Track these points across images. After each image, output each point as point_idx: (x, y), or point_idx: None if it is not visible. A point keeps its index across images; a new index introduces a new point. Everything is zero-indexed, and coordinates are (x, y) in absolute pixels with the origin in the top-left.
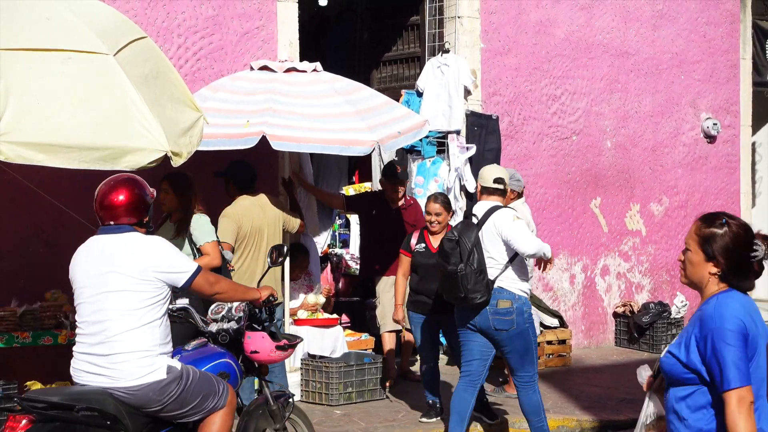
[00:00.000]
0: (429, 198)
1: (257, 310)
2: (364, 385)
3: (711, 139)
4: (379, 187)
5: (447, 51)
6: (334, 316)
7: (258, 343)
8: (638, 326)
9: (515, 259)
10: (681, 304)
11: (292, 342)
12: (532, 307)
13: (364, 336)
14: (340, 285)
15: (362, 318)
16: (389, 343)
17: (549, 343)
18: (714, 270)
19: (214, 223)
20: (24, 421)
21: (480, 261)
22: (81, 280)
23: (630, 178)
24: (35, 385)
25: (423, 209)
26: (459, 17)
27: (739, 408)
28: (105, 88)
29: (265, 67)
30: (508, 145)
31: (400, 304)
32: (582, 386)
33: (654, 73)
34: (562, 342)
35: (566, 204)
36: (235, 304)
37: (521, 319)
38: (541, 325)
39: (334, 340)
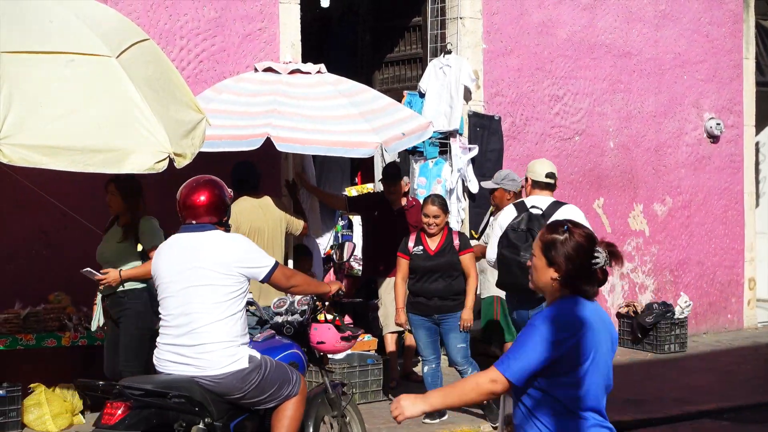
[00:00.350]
0: (426, 200)
1: (325, 304)
2: (367, 386)
3: (714, 139)
4: (381, 188)
5: (449, 52)
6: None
7: (324, 334)
8: (642, 327)
9: None
10: (685, 305)
11: (355, 333)
12: None
13: (367, 337)
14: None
15: (365, 319)
16: (391, 344)
17: None
18: (555, 275)
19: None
20: (121, 408)
21: None
22: (166, 275)
23: (633, 178)
24: (39, 387)
25: None
26: (461, 18)
27: (484, 381)
28: (108, 90)
29: (269, 69)
30: (510, 146)
31: (401, 307)
32: None
33: (657, 74)
34: None
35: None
36: (297, 297)
37: None
38: None
39: None
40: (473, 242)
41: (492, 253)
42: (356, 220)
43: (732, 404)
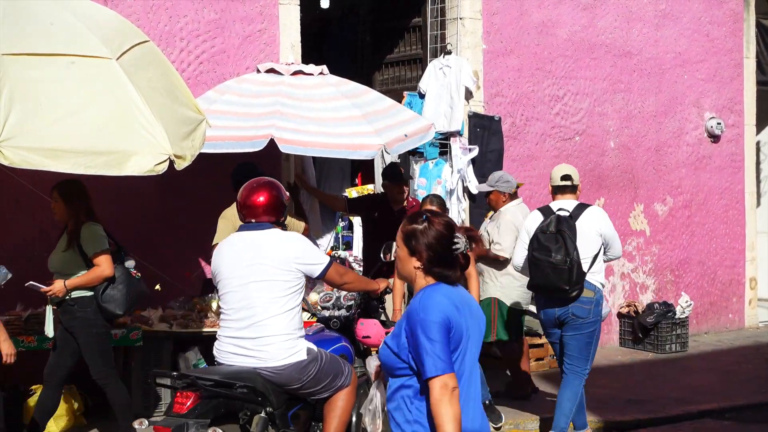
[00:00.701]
0: (424, 201)
1: (374, 301)
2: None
3: (715, 138)
4: (382, 189)
5: (449, 52)
6: None
7: (370, 329)
8: (643, 326)
9: (599, 253)
10: (686, 304)
11: None
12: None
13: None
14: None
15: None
16: None
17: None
18: (417, 264)
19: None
20: (191, 398)
21: (578, 255)
22: (227, 272)
23: (633, 178)
24: (40, 389)
25: None
26: (461, 18)
27: (441, 394)
28: (108, 92)
29: (271, 70)
30: (510, 146)
31: (398, 309)
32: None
33: (657, 73)
34: None
35: None
36: (343, 293)
37: (597, 310)
38: None
39: None
40: None
41: (518, 258)
42: (356, 221)
43: (733, 404)
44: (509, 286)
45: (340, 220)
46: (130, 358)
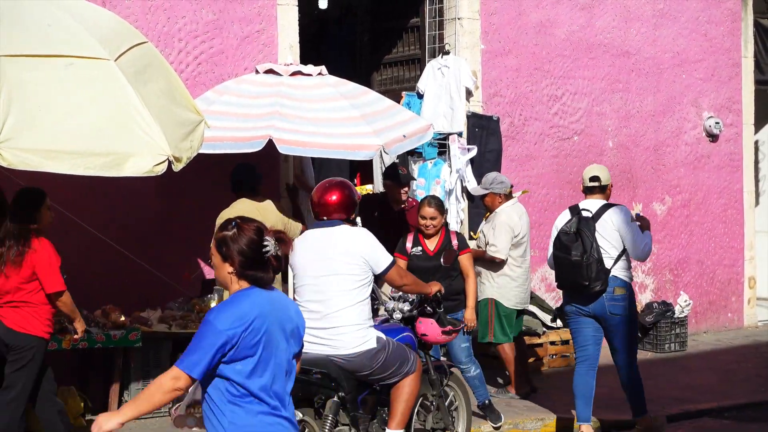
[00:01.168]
0: (422, 202)
1: (440, 304)
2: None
3: (713, 137)
4: (381, 190)
5: (447, 52)
6: None
7: (428, 328)
8: (642, 326)
9: (624, 250)
10: (684, 304)
11: (456, 327)
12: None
13: None
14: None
15: None
16: None
17: (552, 343)
18: (230, 269)
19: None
20: None
21: (599, 252)
22: (301, 266)
23: (632, 177)
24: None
25: None
26: (459, 18)
27: (167, 381)
28: (107, 93)
29: (270, 71)
30: (509, 146)
31: None
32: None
33: (655, 73)
34: (566, 342)
35: (568, 204)
36: (409, 286)
37: (630, 304)
38: (544, 325)
39: None
40: (471, 243)
41: (549, 254)
42: (357, 221)
43: (733, 403)
44: (506, 287)
45: None
46: (129, 359)
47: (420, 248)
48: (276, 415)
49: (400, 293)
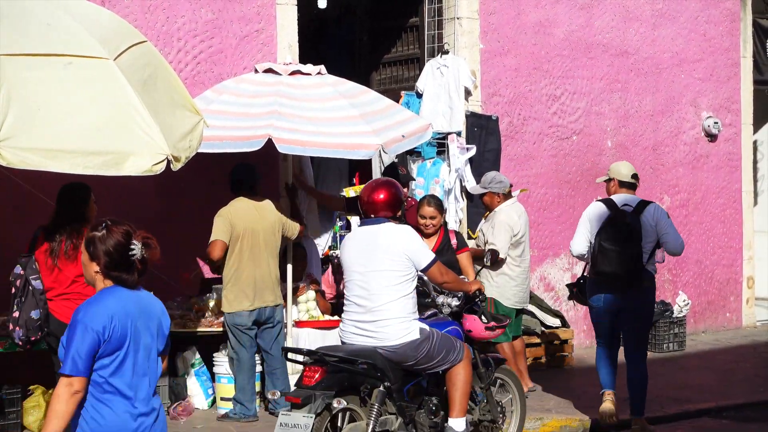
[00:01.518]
0: (422, 201)
1: (485, 302)
2: None
3: (712, 137)
4: None
5: (446, 52)
6: (336, 318)
7: (473, 324)
8: None
9: (655, 247)
10: (683, 303)
11: (501, 323)
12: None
13: None
14: (342, 286)
15: None
16: None
17: (551, 343)
18: (96, 268)
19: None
20: (319, 372)
21: (641, 247)
22: (349, 262)
23: None
24: (38, 390)
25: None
26: (458, 18)
27: (63, 392)
28: (106, 92)
29: (269, 70)
30: (508, 146)
31: None
32: (584, 386)
33: (654, 73)
34: (564, 342)
35: (567, 204)
36: (451, 283)
37: (653, 296)
38: (543, 325)
39: (334, 342)
40: (470, 242)
41: (580, 246)
42: (354, 220)
43: (731, 403)
44: (505, 286)
45: (337, 219)
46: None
47: None
48: (138, 413)
49: None
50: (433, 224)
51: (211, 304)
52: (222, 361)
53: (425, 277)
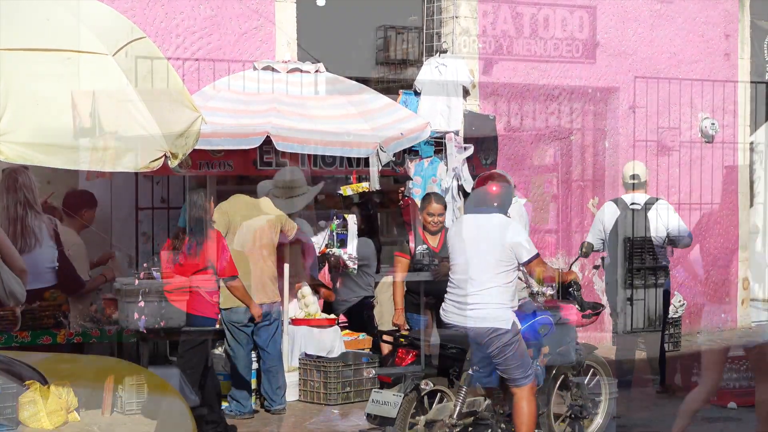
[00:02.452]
0: (428, 199)
1: (579, 288)
2: (362, 385)
3: (709, 138)
4: (377, 187)
5: (445, 51)
6: (332, 316)
7: (568, 312)
8: None
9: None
10: (678, 304)
11: (596, 311)
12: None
13: (362, 336)
14: (338, 284)
15: (360, 317)
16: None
17: None
18: None
19: None
20: (411, 354)
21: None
22: (455, 248)
23: None
24: (34, 385)
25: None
26: (457, 17)
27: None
28: (104, 88)
29: (268, 67)
30: (505, 145)
31: (400, 308)
32: None
33: (652, 73)
34: None
35: (564, 204)
36: (548, 275)
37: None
38: None
39: (331, 340)
40: None
41: (594, 242)
42: (351, 218)
43: (726, 403)
44: None
45: (334, 217)
46: (123, 355)
47: (425, 246)
48: None
49: None
50: (440, 221)
51: None
52: (218, 358)
53: (523, 269)
